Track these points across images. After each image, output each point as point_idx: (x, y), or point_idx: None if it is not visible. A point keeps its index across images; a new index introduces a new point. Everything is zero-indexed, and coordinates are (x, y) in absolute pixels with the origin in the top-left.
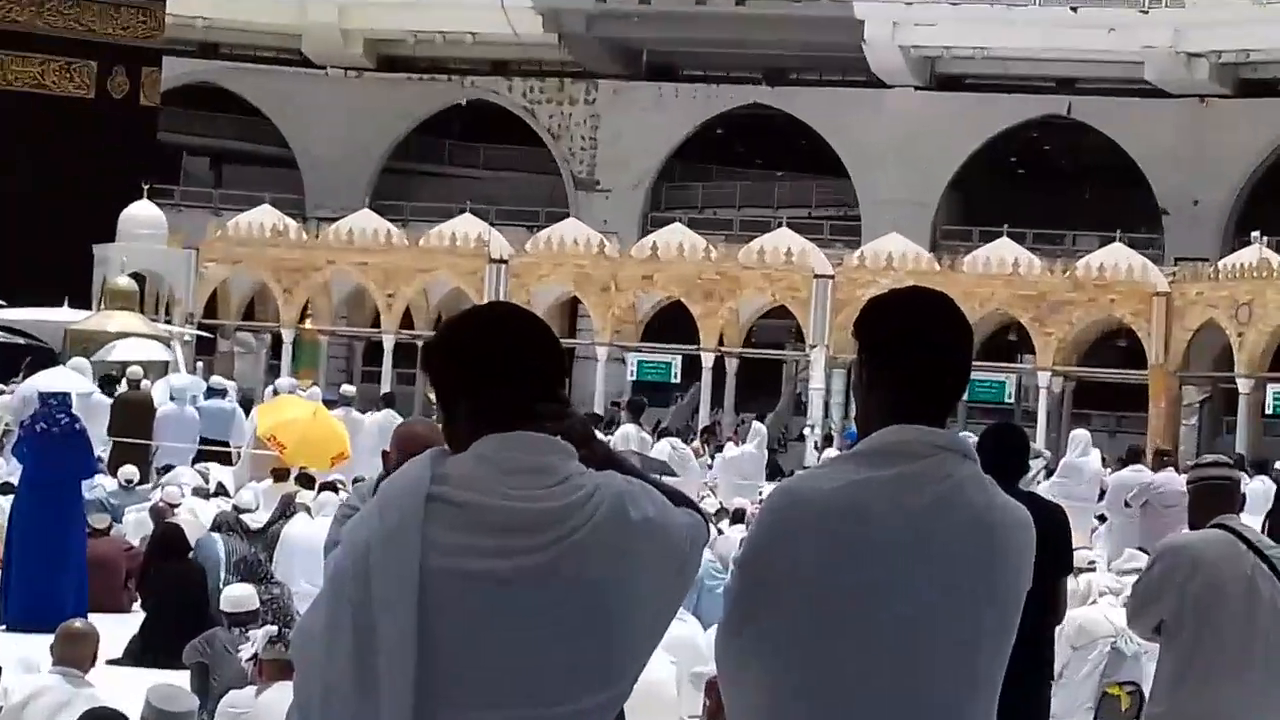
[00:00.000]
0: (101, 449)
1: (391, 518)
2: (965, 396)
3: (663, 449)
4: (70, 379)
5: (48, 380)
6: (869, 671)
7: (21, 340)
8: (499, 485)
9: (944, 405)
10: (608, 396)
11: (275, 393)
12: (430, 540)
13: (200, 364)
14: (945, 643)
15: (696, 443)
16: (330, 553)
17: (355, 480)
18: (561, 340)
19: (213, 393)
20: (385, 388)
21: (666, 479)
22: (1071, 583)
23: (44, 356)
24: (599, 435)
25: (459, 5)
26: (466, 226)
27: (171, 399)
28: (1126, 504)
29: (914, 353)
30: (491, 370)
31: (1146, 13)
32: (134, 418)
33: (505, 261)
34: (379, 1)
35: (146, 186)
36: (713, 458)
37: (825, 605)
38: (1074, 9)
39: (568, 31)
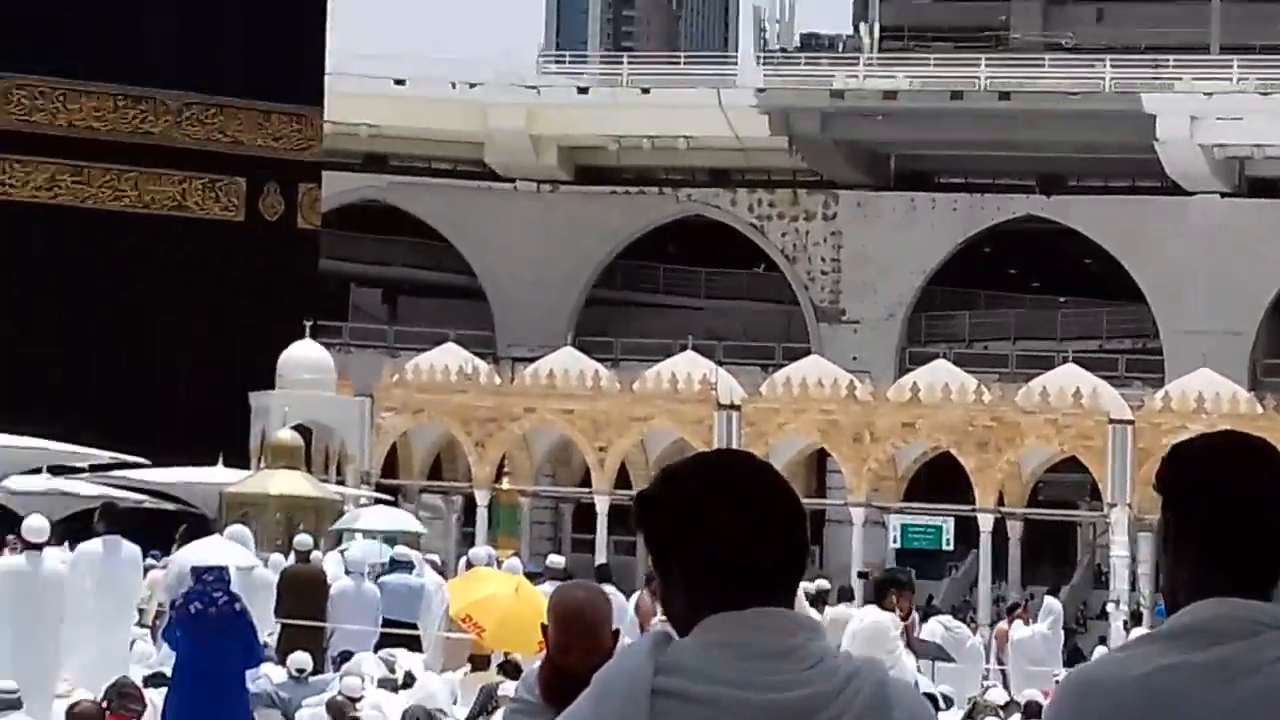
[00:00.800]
0: (267, 633)
1: (607, 717)
2: None
3: (934, 629)
4: (228, 551)
5: (201, 553)
6: None
7: (171, 506)
8: (740, 674)
9: (1267, 572)
10: (869, 568)
11: (469, 565)
12: None
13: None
14: None
15: (1002, 623)
16: None
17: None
18: (806, 500)
19: (397, 565)
20: (600, 558)
21: (940, 665)
22: None
23: (197, 525)
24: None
25: (670, 105)
26: (689, 366)
27: (347, 573)
28: None
29: (1223, 507)
30: (717, 530)
31: None
32: (304, 595)
33: (737, 407)
34: (574, 103)
35: (309, 324)
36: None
37: None
38: None
39: (800, 133)
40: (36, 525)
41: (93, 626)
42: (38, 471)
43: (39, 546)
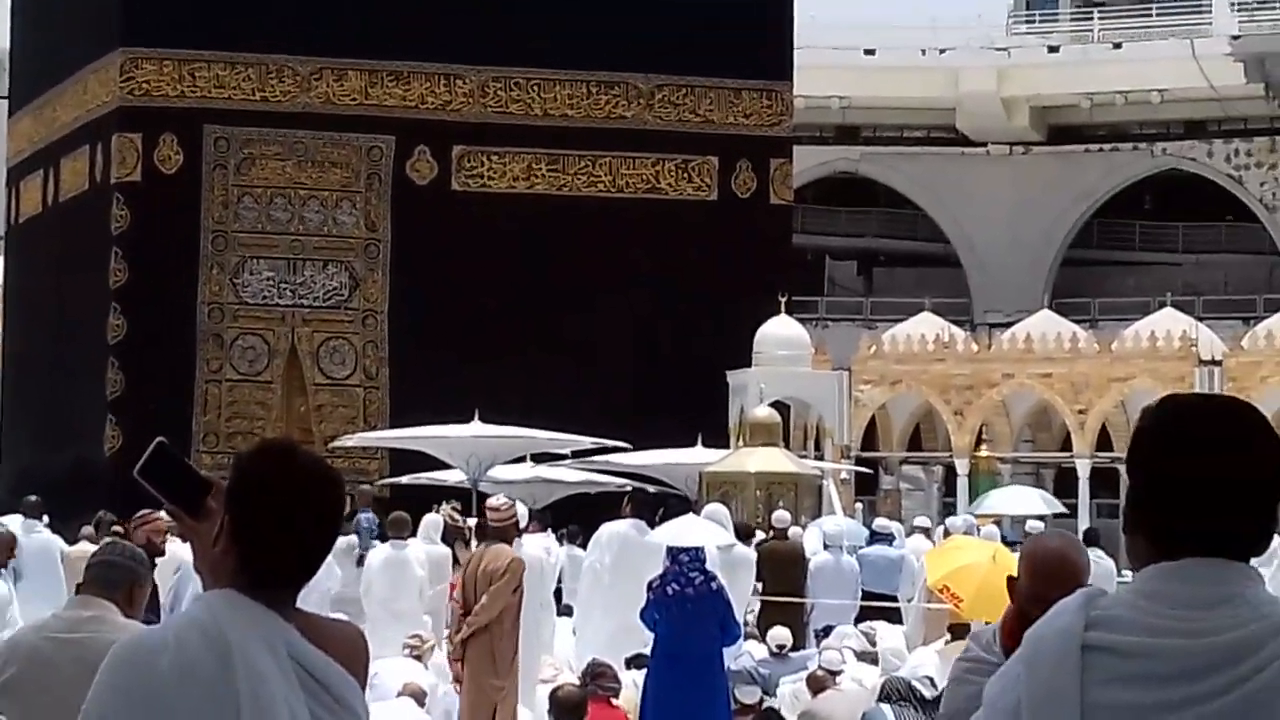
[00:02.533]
0: (748, 610)
1: (1041, 675)
2: None
3: None
4: (705, 530)
5: (677, 533)
6: None
7: (652, 489)
8: (1170, 623)
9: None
10: None
11: (947, 534)
12: (1091, 701)
13: (860, 505)
14: None
15: None
16: None
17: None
18: None
19: (877, 537)
20: (1084, 523)
21: None
22: None
23: (678, 506)
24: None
25: (1142, 59)
26: (1168, 323)
27: (825, 547)
28: None
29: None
30: (1194, 483)
31: None
32: (783, 571)
33: (1219, 363)
34: (1045, 63)
35: (784, 299)
36: None
37: None
38: None
39: (1277, 80)
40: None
41: (611, 606)
42: (522, 460)
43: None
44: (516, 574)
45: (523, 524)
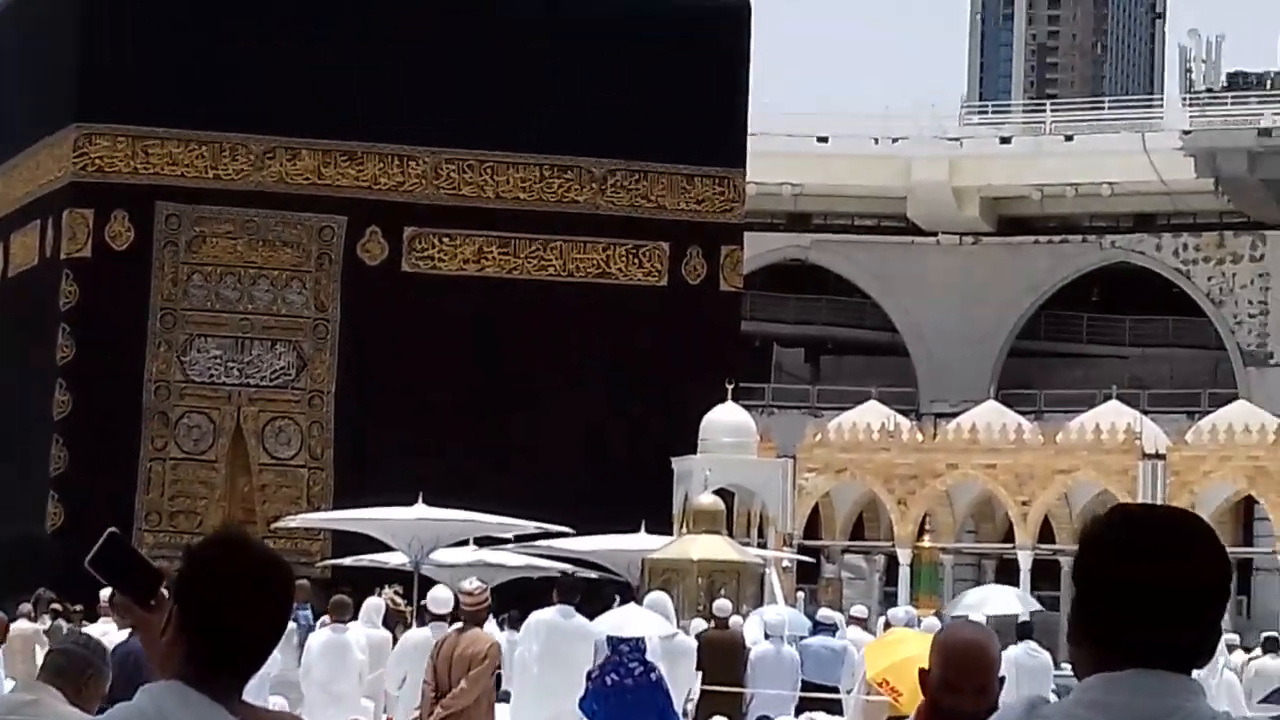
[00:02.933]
0: (687, 700)
1: None
2: None
3: None
4: (646, 620)
5: (618, 622)
6: None
7: (594, 574)
8: None
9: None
10: None
11: (888, 625)
12: None
13: (802, 593)
14: None
15: None
16: None
17: None
18: (1234, 549)
19: (820, 628)
20: (1022, 615)
21: None
22: None
23: (620, 592)
24: None
25: (1093, 152)
26: (1113, 416)
27: (766, 636)
28: None
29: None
30: (1139, 591)
31: None
32: (723, 660)
33: (1162, 456)
34: (997, 153)
35: (731, 386)
36: None
37: None
38: None
39: (1227, 175)
40: (442, 597)
41: (541, 695)
42: (464, 543)
43: (443, 618)
44: (495, 659)
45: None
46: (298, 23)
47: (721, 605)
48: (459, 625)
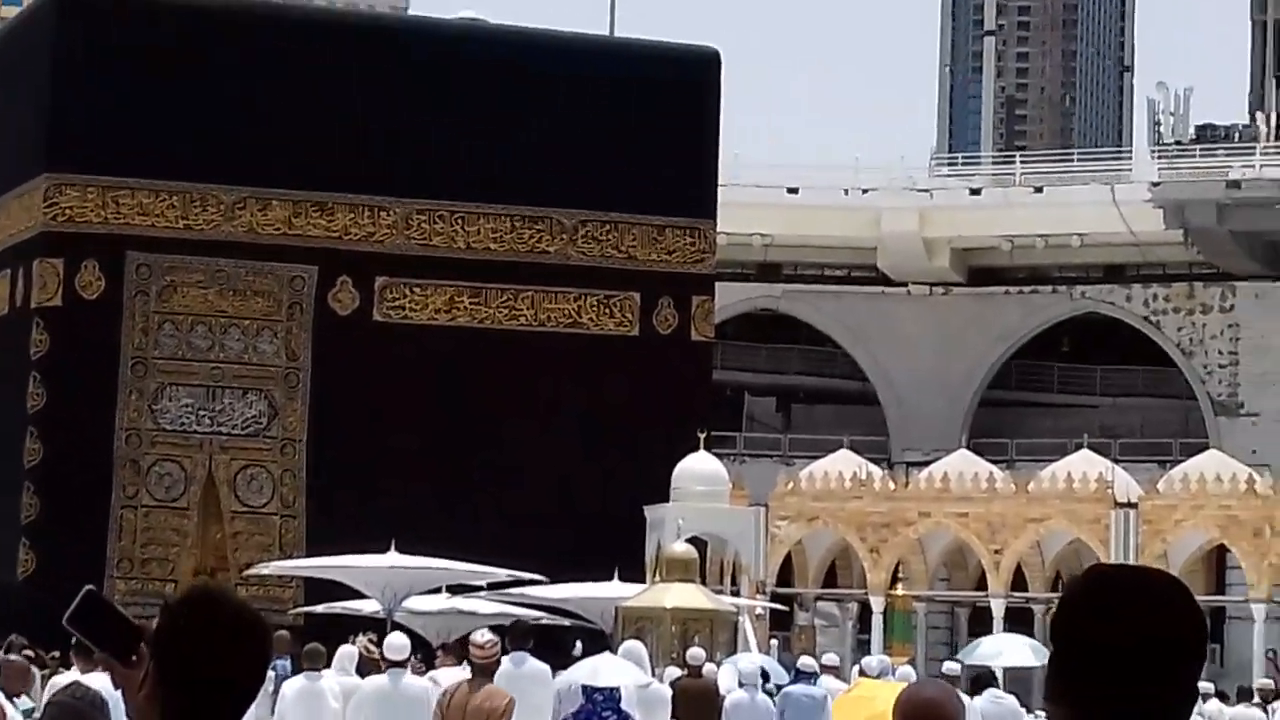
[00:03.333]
0: None
1: None
2: None
3: None
4: (621, 669)
5: (593, 671)
6: None
7: (567, 621)
8: None
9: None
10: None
11: (862, 673)
12: None
13: (775, 641)
14: None
15: None
16: None
17: None
18: (1206, 598)
19: (801, 675)
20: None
21: None
22: None
23: (593, 640)
24: None
25: (1062, 204)
26: (1084, 465)
27: (740, 685)
28: None
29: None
30: (1115, 651)
31: None
32: (697, 709)
33: (1134, 505)
34: (966, 205)
35: (703, 435)
36: None
37: None
38: None
39: (1196, 227)
40: (398, 644)
41: None
42: (437, 591)
43: (401, 664)
44: (510, 713)
45: (404, 654)
46: (268, 74)
47: (695, 654)
48: (469, 678)
